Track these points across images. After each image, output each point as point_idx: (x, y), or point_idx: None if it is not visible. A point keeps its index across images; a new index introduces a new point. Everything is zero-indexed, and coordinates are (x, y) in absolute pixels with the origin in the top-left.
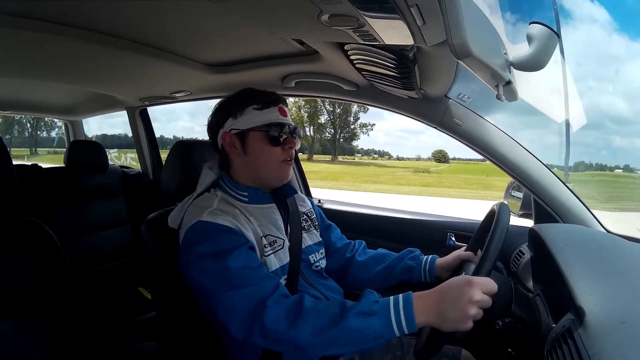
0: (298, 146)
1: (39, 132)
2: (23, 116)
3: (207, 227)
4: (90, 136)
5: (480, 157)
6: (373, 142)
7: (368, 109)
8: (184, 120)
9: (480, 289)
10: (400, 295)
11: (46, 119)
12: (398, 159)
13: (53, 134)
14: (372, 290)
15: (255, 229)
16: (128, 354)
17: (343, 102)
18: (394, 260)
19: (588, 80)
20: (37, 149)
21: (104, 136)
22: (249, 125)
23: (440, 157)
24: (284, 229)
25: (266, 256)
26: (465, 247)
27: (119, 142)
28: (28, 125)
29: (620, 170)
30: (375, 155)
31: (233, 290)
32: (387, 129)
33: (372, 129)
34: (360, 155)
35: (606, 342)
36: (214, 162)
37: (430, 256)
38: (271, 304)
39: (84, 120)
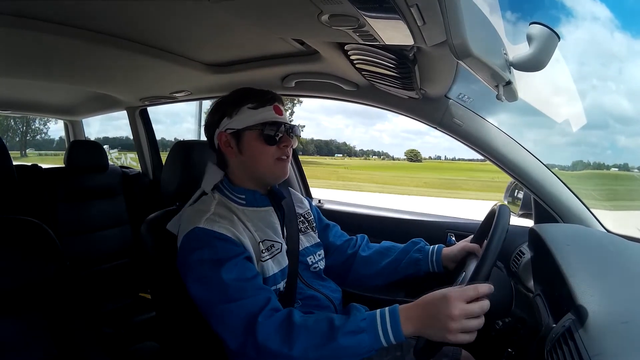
0: (295, 145)
1: (28, 137)
2: (15, 123)
3: (205, 234)
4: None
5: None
6: (378, 143)
7: (294, 112)
8: (188, 122)
9: (461, 300)
10: (387, 309)
11: (33, 126)
12: (393, 159)
13: (38, 137)
14: (358, 306)
15: (252, 235)
16: (128, 354)
17: None
18: (400, 254)
19: (591, 80)
20: (27, 150)
21: (106, 139)
22: (244, 125)
23: (412, 156)
24: (281, 231)
25: (263, 261)
26: (471, 236)
27: (119, 144)
28: (19, 131)
29: (617, 169)
30: (371, 156)
31: (225, 304)
32: (392, 130)
33: (302, 130)
34: (342, 155)
35: (608, 343)
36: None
37: (437, 246)
38: (262, 319)
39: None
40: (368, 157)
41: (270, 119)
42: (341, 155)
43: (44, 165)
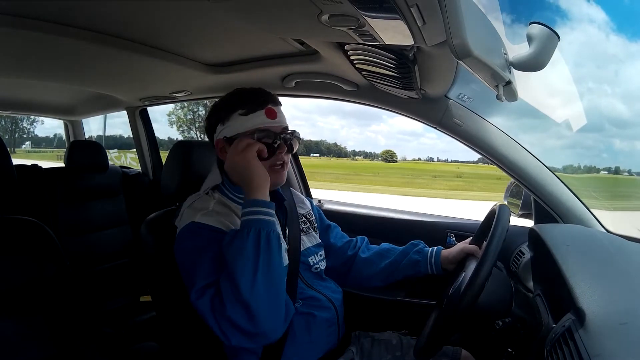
0: (296, 148)
1: (16, 136)
2: (5, 123)
3: (197, 227)
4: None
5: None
6: (374, 144)
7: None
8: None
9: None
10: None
11: (21, 126)
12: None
13: (25, 136)
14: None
15: None
16: (128, 354)
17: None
18: (399, 255)
19: (587, 82)
20: (15, 149)
21: (99, 137)
22: (235, 132)
23: (388, 157)
24: (281, 232)
25: None
26: (470, 238)
27: (113, 144)
28: (9, 130)
29: (606, 173)
30: (357, 157)
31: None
32: (388, 132)
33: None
34: (318, 155)
35: (607, 343)
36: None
37: (435, 248)
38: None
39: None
40: (355, 158)
41: (261, 125)
42: (317, 155)
43: (41, 163)
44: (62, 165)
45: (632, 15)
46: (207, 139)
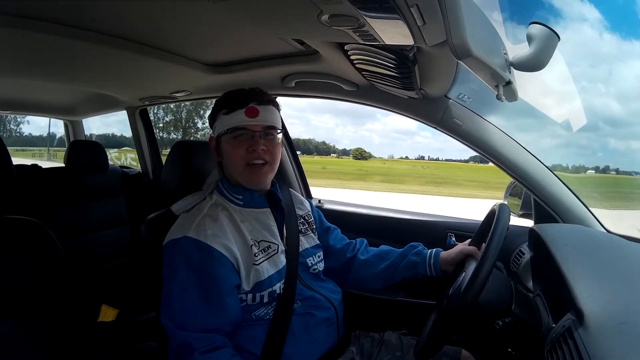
0: (275, 148)
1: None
2: None
3: (190, 246)
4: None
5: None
6: (368, 143)
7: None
8: None
9: None
10: None
11: (8, 127)
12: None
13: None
14: None
15: (245, 237)
16: (128, 354)
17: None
18: (398, 257)
19: (581, 82)
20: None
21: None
22: (219, 131)
23: (358, 154)
24: (278, 233)
25: (257, 264)
26: (469, 240)
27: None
28: None
29: (593, 172)
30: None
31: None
32: (382, 130)
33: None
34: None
35: (607, 343)
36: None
37: (434, 250)
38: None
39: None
40: (340, 156)
41: (238, 123)
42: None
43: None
44: (35, 162)
45: (628, 14)
46: (168, 138)
